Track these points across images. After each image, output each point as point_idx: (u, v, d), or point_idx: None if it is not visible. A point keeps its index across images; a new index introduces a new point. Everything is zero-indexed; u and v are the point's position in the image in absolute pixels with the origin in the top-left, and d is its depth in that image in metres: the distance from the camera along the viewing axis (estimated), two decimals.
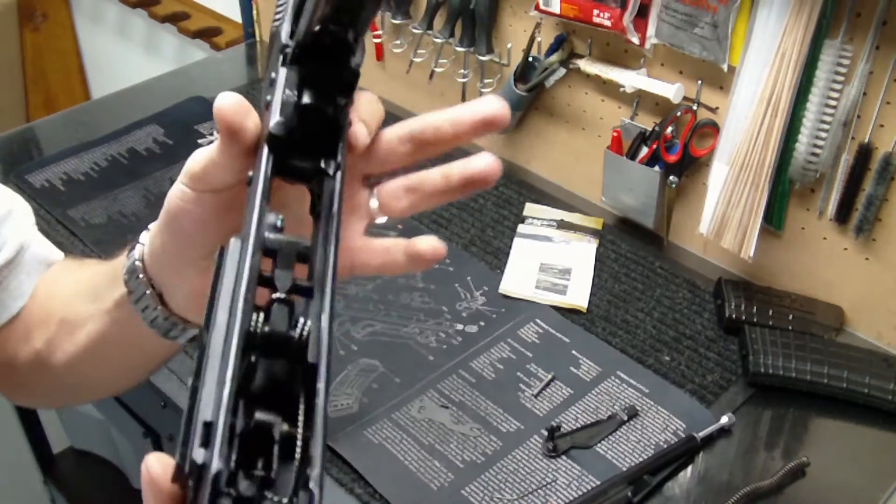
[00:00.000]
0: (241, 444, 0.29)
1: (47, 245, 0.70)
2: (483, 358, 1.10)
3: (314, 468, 0.29)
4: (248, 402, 0.31)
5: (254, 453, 0.29)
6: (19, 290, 0.66)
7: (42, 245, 0.69)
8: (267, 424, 0.30)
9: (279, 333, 0.32)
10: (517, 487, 0.95)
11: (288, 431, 0.30)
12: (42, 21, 2.51)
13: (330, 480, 0.96)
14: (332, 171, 0.39)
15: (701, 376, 1.08)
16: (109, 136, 1.53)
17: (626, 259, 1.27)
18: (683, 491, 0.96)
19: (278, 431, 0.30)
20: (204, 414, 0.29)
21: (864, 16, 0.99)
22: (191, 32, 2.02)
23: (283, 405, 0.30)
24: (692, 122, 1.19)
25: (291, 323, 0.33)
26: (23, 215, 0.68)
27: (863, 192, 1.07)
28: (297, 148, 0.40)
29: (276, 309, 0.33)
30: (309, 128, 0.40)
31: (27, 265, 0.66)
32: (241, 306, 0.32)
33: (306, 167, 0.40)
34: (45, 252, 0.68)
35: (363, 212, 0.48)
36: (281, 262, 0.35)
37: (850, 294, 1.15)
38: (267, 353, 0.32)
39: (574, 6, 1.21)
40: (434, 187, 0.46)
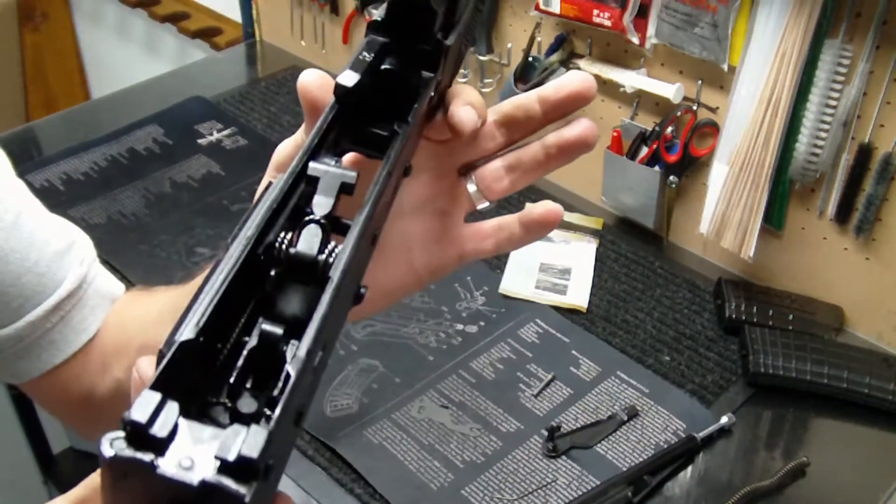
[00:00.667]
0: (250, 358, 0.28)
1: (111, 279, 0.69)
2: (483, 358, 1.10)
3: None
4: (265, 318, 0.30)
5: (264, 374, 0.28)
6: (83, 324, 0.65)
7: (106, 279, 0.68)
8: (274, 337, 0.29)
9: (302, 254, 0.31)
10: (517, 487, 0.95)
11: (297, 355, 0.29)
12: (42, 21, 2.51)
13: (330, 480, 0.96)
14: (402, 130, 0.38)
15: (701, 376, 1.08)
16: (109, 136, 1.53)
17: (626, 259, 1.26)
18: (683, 491, 0.96)
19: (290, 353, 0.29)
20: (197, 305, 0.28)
21: (865, 16, 0.99)
22: (191, 32, 2.02)
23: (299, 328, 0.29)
24: (692, 122, 1.19)
25: (321, 248, 0.32)
26: (84, 248, 0.68)
27: (863, 192, 1.07)
28: (373, 115, 0.38)
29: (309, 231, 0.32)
30: (385, 94, 0.39)
31: (91, 300, 0.66)
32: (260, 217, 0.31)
33: (384, 135, 0.38)
34: (109, 286, 0.68)
35: (463, 200, 0.48)
36: (322, 189, 0.34)
37: (850, 294, 1.15)
38: (290, 273, 0.31)
39: (574, 6, 1.21)
40: (534, 160, 0.46)
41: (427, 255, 0.48)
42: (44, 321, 0.64)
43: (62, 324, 0.65)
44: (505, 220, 0.48)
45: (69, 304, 0.65)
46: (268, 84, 1.69)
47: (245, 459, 0.24)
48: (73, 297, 0.65)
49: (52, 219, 0.67)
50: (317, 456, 0.98)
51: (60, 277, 0.64)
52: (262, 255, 0.31)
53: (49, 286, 0.64)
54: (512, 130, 0.46)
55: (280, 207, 0.33)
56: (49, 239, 0.65)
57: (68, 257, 0.65)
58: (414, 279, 0.48)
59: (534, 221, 0.47)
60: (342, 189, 0.34)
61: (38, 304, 0.63)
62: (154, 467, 0.24)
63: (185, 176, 1.43)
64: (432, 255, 0.48)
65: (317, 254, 0.31)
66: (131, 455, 0.24)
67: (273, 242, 0.32)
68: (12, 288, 0.62)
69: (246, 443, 0.24)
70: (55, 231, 0.66)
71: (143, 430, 0.24)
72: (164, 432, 0.24)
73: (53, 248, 0.64)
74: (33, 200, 0.66)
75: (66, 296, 0.64)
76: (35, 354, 0.64)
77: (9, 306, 0.62)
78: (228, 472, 0.24)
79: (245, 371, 0.29)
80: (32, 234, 0.63)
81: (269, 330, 0.29)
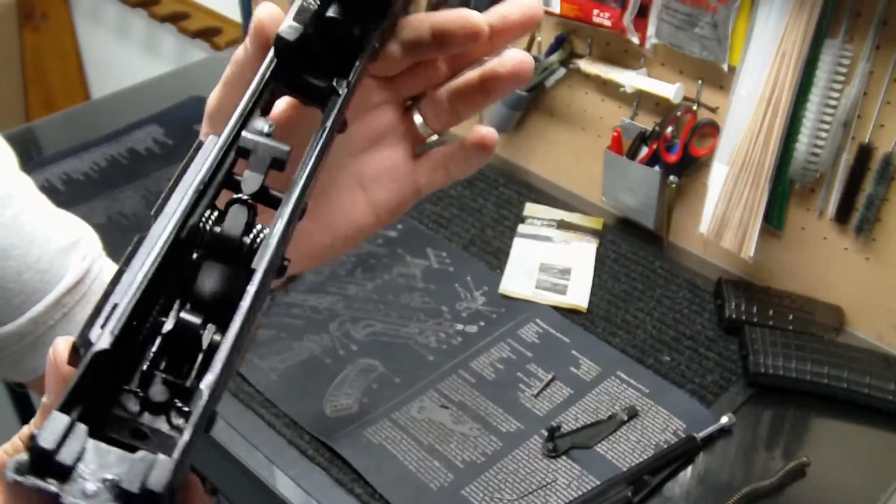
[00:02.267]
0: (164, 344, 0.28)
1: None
2: (483, 358, 1.10)
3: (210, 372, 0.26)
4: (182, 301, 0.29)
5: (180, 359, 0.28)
6: None
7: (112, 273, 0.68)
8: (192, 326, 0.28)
9: (228, 235, 0.30)
10: (517, 487, 0.95)
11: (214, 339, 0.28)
12: (42, 21, 2.51)
13: (330, 480, 0.96)
14: (341, 90, 0.37)
15: (701, 376, 1.08)
16: (109, 136, 1.53)
17: (626, 259, 1.26)
18: (683, 491, 0.96)
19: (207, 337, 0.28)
20: (116, 297, 0.27)
21: (865, 15, 0.99)
22: (191, 32, 2.02)
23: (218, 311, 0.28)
24: (692, 122, 1.19)
25: (247, 229, 0.31)
26: (89, 244, 0.67)
27: (863, 192, 1.07)
28: (313, 63, 0.37)
29: (235, 210, 0.31)
30: (328, 43, 0.37)
31: (94, 296, 0.66)
32: (187, 198, 0.30)
33: (322, 86, 0.37)
34: None
35: (410, 134, 0.48)
36: (253, 164, 0.32)
37: (850, 294, 1.15)
38: (213, 254, 0.30)
39: (574, 6, 1.21)
40: (473, 90, 0.46)
41: (384, 193, 0.48)
42: (45, 318, 0.63)
43: (65, 321, 0.65)
44: (450, 148, 0.48)
45: (71, 300, 0.64)
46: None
47: (150, 491, 0.24)
48: (76, 293, 0.65)
49: (58, 215, 0.67)
50: (317, 456, 0.98)
51: (62, 274, 0.64)
52: (186, 236, 0.30)
53: (51, 283, 0.63)
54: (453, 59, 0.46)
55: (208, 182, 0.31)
56: (53, 235, 0.64)
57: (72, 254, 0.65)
58: (374, 219, 0.48)
59: (470, 146, 0.47)
60: (273, 164, 0.33)
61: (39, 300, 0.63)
62: (57, 496, 0.24)
63: None
64: (389, 192, 0.48)
65: (241, 235, 0.30)
66: (34, 483, 0.24)
67: (197, 223, 0.30)
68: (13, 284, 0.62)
69: (151, 475, 0.24)
70: (60, 227, 0.66)
71: (49, 456, 0.24)
72: (71, 459, 0.24)
73: (57, 245, 0.64)
74: (38, 197, 0.66)
75: (66, 291, 0.64)
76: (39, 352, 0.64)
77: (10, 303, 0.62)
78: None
79: (159, 356, 0.28)
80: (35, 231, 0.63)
81: (186, 318, 0.28)
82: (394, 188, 0.48)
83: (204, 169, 0.31)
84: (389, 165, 0.48)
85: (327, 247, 0.48)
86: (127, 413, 0.27)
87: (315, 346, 1.11)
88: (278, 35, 0.36)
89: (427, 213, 1.34)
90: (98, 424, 0.26)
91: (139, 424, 0.27)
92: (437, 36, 0.43)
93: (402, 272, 1.24)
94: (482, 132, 0.47)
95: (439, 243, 1.29)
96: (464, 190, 1.38)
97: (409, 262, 1.25)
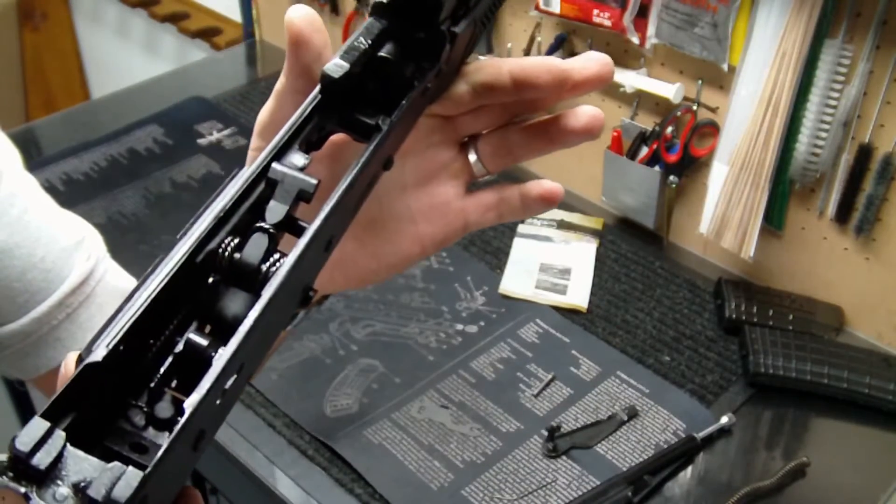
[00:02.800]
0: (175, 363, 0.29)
1: (122, 276, 0.69)
2: (483, 358, 1.10)
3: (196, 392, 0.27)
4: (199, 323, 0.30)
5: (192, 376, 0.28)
6: (90, 322, 0.65)
7: (117, 276, 0.68)
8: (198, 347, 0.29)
9: (245, 262, 0.31)
10: (517, 487, 0.95)
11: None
12: (42, 21, 2.51)
13: (330, 480, 0.96)
14: (385, 126, 0.37)
15: (701, 376, 1.08)
16: (109, 136, 1.53)
17: (626, 259, 1.26)
18: (683, 491, 0.96)
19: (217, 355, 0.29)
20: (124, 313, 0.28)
21: (865, 15, 0.99)
22: (191, 32, 2.02)
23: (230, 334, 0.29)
24: (692, 122, 1.19)
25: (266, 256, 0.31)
26: (93, 244, 0.67)
27: (863, 192, 1.07)
28: (364, 99, 0.37)
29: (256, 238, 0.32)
30: (379, 81, 0.38)
31: (98, 297, 0.66)
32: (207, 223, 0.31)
33: (370, 124, 0.37)
34: (119, 283, 0.68)
35: (464, 172, 0.48)
36: (280, 195, 0.33)
37: (850, 294, 1.15)
38: (230, 279, 0.31)
39: (574, 6, 1.21)
40: (537, 138, 0.46)
41: (432, 228, 0.48)
42: (49, 317, 0.64)
43: (68, 321, 0.65)
44: (506, 193, 0.48)
45: (75, 301, 0.64)
46: (268, 84, 1.69)
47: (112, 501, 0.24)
48: (79, 294, 0.65)
49: (62, 215, 0.67)
50: (317, 456, 0.98)
51: (66, 273, 0.64)
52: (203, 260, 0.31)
53: (55, 282, 0.64)
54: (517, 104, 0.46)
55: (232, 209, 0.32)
56: (57, 235, 0.65)
57: (76, 254, 0.65)
58: (419, 250, 0.49)
59: (533, 200, 0.48)
60: (299, 196, 0.33)
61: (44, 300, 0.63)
62: (28, 498, 0.25)
63: (186, 176, 1.43)
64: (437, 227, 0.48)
65: (258, 263, 0.31)
66: (5, 483, 0.25)
67: (216, 248, 0.31)
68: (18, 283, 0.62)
69: (118, 486, 0.24)
70: (64, 227, 0.66)
71: (24, 459, 0.25)
72: (45, 464, 0.25)
73: (61, 245, 0.64)
74: (43, 196, 0.66)
75: (70, 291, 0.64)
76: (42, 351, 0.64)
77: (14, 302, 0.62)
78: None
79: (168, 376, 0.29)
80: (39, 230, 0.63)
81: (193, 339, 0.29)
82: (442, 223, 0.48)
83: (227, 196, 0.32)
84: (441, 201, 0.48)
85: (372, 272, 0.49)
86: (132, 426, 0.28)
87: (315, 346, 1.11)
88: (323, 73, 0.36)
89: None
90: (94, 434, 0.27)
91: (141, 438, 0.28)
92: (519, 82, 0.43)
93: (402, 272, 1.24)
94: (548, 187, 0.47)
95: None
96: None
97: None
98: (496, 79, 0.43)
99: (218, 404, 0.28)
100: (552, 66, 0.43)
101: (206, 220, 0.31)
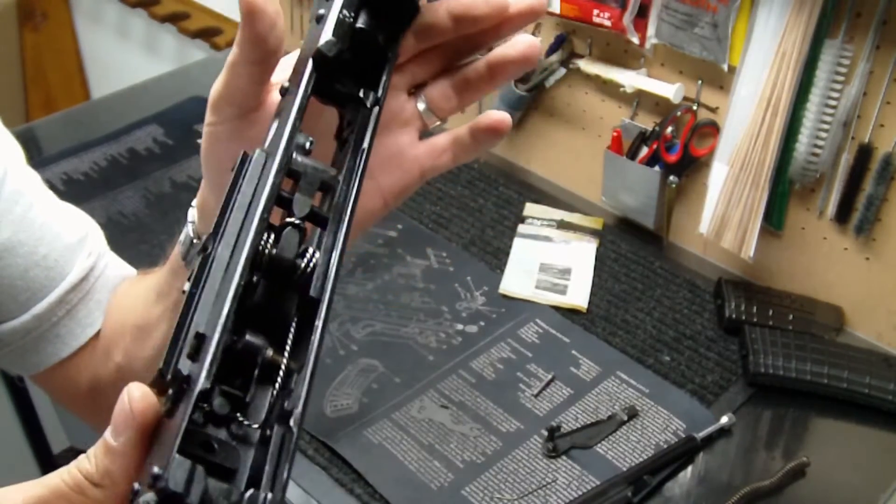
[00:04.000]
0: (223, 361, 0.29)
1: (121, 270, 0.69)
2: (483, 358, 1.10)
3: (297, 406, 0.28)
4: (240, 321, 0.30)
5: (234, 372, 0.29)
6: (89, 318, 0.65)
7: (117, 270, 0.68)
8: (254, 347, 0.30)
9: (285, 259, 0.32)
10: (517, 487, 0.95)
11: (272, 358, 0.30)
12: (42, 21, 2.50)
13: (330, 480, 0.96)
14: (369, 102, 0.38)
15: (701, 376, 1.08)
16: (109, 136, 1.53)
17: (626, 259, 1.26)
18: (683, 491, 0.96)
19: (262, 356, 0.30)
20: (198, 324, 0.28)
21: (865, 15, 0.99)
22: (191, 32, 2.02)
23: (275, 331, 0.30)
24: (692, 122, 1.19)
25: (300, 251, 0.32)
26: (94, 240, 0.68)
27: (863, 192, 1.07)
28: (341, 70, 0.38)
29: (288, 233, 0.32)
30: (357, 52, 0.38)
31: (97, 293, 0.66)
32: (255, 225, 0.31)
33: (345, 92, 0.38)
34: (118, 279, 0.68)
35: (414, 120, 0.49)
36: (304, 187, 0.34)
37: (850, 294, 1.15)
38: (270, 276, 0.32)
39: (574, 6, 1.21)
40: (479, 76, 0.47)
41: (390, 179, 0.49)
42: (49, 314, 0.64)
43: (68, 318, 0.65)
44: (457, 133, 0.49)
45: (75, 298, 0.65)
46: None
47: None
48: (79, 290, 0.65)
49: (65, 210, 0.67)
50: (317, 456, 0.98)
51: (67, 271, 0.64)
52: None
53: (56, 280, 0.64)
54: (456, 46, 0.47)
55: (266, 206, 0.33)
56: (60, 232, 0.65)
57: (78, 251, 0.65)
58: (381, 204, 0.49)
59: (482, 130, 0.49)
60: (321, 187, 0.34)
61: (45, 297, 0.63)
62: None
63: (186, 176, 1.43)
64: (395, 177, 0.49)
65: (294, 258, 0.32)
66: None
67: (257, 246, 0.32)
68: (20, 281, 0.62)
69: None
70: (67, 224, 0.66)
71: (180, 499, 0.25)
72: (197, 499, 0.26)
73: (64, 242, 0.64)
74: (46, 192, 0.66)
75: (70, 288, 0.64)
76: (42, 348, 0.65)
77: (16, 299, 0.63)
78: None
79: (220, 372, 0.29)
80: (43, 228, 0.63)
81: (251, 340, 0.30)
82: (399, 173, 0.49)
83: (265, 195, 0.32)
84: (395, 151, 0.49)
85: None
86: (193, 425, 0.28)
87: None
88: (318, 50, 0.37)
89: (427, 213, 1.34)
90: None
91: (207, 437, 0.28)
92: (458, 18, 0.44)
93: (402, 272, 1.24)
94: (496, 116, 0.48)
95: (439, 243, 1.29)
96: (464, 190, 1.38)
97: (409, 262, 1.25)
98: (435, 18, 0.44)
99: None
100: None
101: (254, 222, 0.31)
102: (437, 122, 0.49)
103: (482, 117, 0.48)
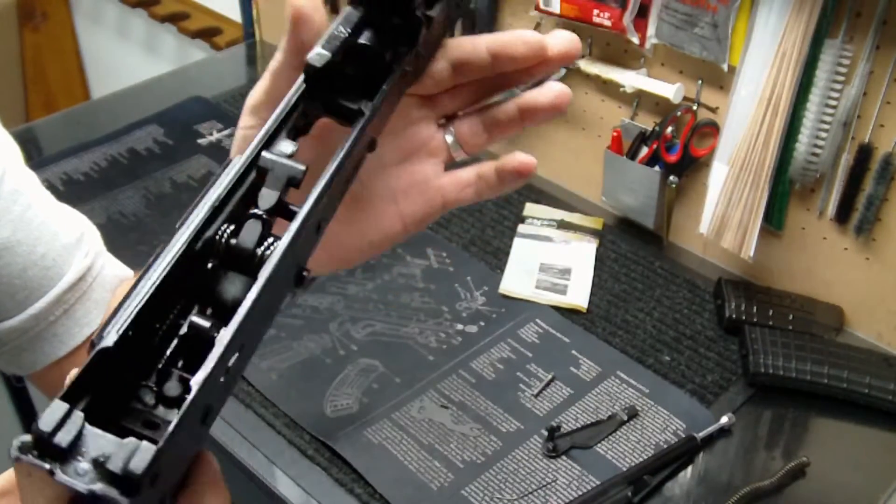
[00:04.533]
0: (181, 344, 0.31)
1: (119, 270, 0.69)
2: (483, 358, 1.10)
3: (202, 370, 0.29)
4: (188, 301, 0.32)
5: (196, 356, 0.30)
6: (86, 318, 0.66)
7: (114, 270, 0.68)
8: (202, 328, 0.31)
9: (240, 247, 0.33)
10: (517, 487, 0.95)
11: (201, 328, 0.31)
12: (42, 21, 2.51)
13: (330, 480, 0.96)
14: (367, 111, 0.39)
15: (701, 376, 1.08)
16: (109, 136, 1.53)
17: (626, 259, 1.26)
18: (683, 491, 0.96)
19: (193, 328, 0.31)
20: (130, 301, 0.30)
21: (865, 15, 0.99)
22: (191, 32, 2.02)
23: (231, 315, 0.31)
24: (692, 122, 1.19)
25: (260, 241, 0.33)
26: (91, 240, 0.68)
27: (863, 192, 1.07)
28: (346, 85, 0.39)
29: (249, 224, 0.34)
30: (360, 67, 0.39)
31: (95, 293, 0.66)
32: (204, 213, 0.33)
33: (353, 108, 0.39)
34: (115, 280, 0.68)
35: (441, 151, 0.50)
36: (271, 181, 0.35)
37: (850, 294, 1.15)
38: (227, 264, 0.33)
39: (574, 6, 1.21)
40: (508, 117, 0.48)
41: (412, 206, 0.50)
42: (47, 314, 0.64)
43: (65, 317, 0.65)
44: (483, 169, 0.50)
45: (72, 297, 0.65)
46: None
47: (130, 473, 0.26)
48: (76, 290, 0.65)
49: (61, 211, 0.67)
50: (317, 456, 0.98)
51: (65, 270, 0.64)
52: (201, 247, 0.33)
53: (54, 279, 0.64)
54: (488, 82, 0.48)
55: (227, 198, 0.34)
56: (58, 232, 0.65)
57: (75, 251, 0.65)
58: (401, 229, 0.50)
59: (507, 172, 0.49)
60: (289, 182, 0.35)
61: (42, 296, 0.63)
62: (52, 473, 0.27)
63: (186, 176, 1.43)
64: (417, 205, 0.50)
65: (254, 248, 0.33)
66: (31, 461, 0.27)
67: (213, 235, 0.33)
68: (18, 280, 0.62)
69: (134, 459, 0.27)
70: (65, 223, 0.66)
71: (47, 438, 0.27)
72: (66, 442, 0.27)
73: (62, 242, 0.65)
74: (43, 192, 0.66)
75: (68, 288, 0.64)
76: (39, 347, 0.65)
77: (14, 298, 0.63)
78: (115, 484, 0.27)
79: (175, 355, 0.31)
80: (41, 227, 0.64)
81: (196, 321, 0.31)
82: (421, 201, 0.50)
83: (221, 186, 0.34)
84: (420, 179, 0.49)
85: (357, 251, 0.50)
86: (143, 406, 0.30)
87: (315, 346, 1.11)
88: (306, 62, 0.38)
89: None
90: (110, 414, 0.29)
91: (153, 416, 0.30)
92: (496, 55, 0.45)
93: (402, 272, 1.24)
94: (522, 159, 0.49)
95: (439, 243, 1.29)
96: None
97: (409, 262, 1.25)
98: (474, 54, 0.45)
99: (222, 381, 0.30)
100: (528, 38, 0.45)
101: (203, 210, 0.33)
102: (464, 156, 0.50)
103: (508, 159, 0.49)
